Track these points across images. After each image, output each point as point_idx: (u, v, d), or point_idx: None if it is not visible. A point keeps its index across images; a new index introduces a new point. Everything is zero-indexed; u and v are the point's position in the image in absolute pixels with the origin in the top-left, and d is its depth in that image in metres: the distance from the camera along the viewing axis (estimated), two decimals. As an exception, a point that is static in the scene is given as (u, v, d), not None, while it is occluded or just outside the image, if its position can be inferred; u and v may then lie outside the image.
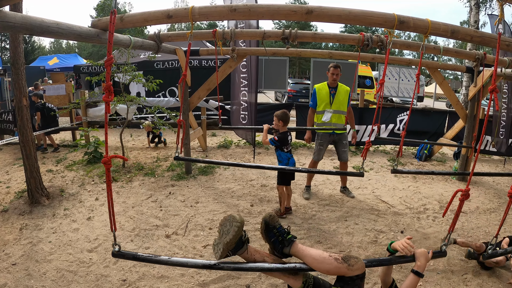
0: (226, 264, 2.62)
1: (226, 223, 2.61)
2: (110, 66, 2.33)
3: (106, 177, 2.50)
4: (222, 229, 2.62)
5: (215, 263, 2.63)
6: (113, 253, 2.72)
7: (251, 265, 2.65)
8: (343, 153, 6.86)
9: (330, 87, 6.70)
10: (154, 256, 2.84)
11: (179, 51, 7.04)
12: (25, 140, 6.22)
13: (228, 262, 2.64)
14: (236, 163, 5.30)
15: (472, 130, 7.95)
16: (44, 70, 22.07)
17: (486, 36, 4.20)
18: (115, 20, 2.34)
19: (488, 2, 23.90)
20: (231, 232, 2.53)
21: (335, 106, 6.62)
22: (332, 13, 3.70)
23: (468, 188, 2.60)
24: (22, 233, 5.31)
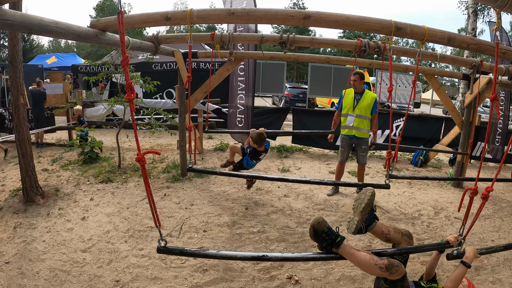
0: (273, 255, 2.80)
1: (360, 195, 3.00)
2: (127, 65, 2.39)
3: (142, 174, 2.53)
4: (357, 202, 2.98)
5: (263, 254, 2.77)
6: (158, 248, 2.79)
7: (297, 255, 2.88)
8: (361, 156, 7.06)
9: (356, 93, 6.95)
10: (202, 250, 2.93)
11: (177, 53, 7.05)
12: (21, 138, 6.21)
13: (275, 253, 2.84)
14: (255, 175, 5.35)
15: (468, 136, 7.98)
16: (42, 68, 22.01)
17: (483, 44, 4.22)
18: (123, 19, 2.35)
19: (486, 10, 24.00)
20: (366, 199, 2.94)
21: (358, 111, 6.82)
22: (330, 19, 3.71)
23: (476, 187, 2.68)
24: (16, 231, 5.31)
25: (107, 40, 4.29)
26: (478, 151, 10.36)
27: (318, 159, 10.18)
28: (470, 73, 7.32)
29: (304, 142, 11.07)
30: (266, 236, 5.34)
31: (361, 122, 6.80)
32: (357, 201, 2.99)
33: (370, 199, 2.96)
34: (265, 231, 5.52)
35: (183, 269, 4.44)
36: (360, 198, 2.99)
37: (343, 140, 7.16)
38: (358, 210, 2.92)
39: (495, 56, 2.86)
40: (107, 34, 4.27)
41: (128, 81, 2.31)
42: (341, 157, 7.23)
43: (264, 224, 5.76)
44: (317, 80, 16.52)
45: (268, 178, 5.45)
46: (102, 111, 11.07)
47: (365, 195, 2.97)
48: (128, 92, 2.30)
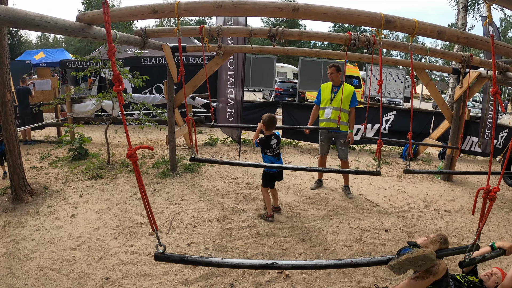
0: (283, 263, 2.69)
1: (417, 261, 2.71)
2: (113, 56, 2.31)
3: (135, 172, 2.38)
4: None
5: (272, 262, 2.66)
6: (155, 255, 2.62)
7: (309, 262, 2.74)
8: (341, 151, 7.01)
9: (333, 86, 6.90)
10: (205, 258, 2.73)
11: (166, 47, 6.98)
12: (8, 135, 6.13)
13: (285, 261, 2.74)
14: (253, 163, 5.26)
15: (457, 130, 8.02)
16: (30, 64, 21.81)
17: (473, 38, 4.22)
18: (108, 10, 2.31)
19: (476, 6, 24.12)
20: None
21: (335, 103, 6.75)
22: (319, 11, 3.69)
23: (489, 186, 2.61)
24: (5, 230, 5.24)
25: (94, 34, 4.23)
26: (467, 145, 10.43)
27: (308, 152, 10.18)
28: (460, 68, 7.35)
29: (294, 136, 11.07)
30: (257, 231, 5.32)
31: (337, 115, 6.75)
32: (412, 263, 2.71)
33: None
34: (255, 225, 5.50)
35: (173, 265, 4.41)
36: (417, 263, 2.71)
37: (321, 133, 7.15)
38: (410, 267, 2.75)
39: (491, 50, 2.85)
40: (94, 28, 4.21)
41: (116, 71, 2.23)
42: (321, 151, 7.24)
43: (254, 218, 5.74)
44: (307, 74, 16.51)
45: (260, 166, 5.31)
46: (91, 107, 10.97)
47: (423, 263, 2.72)
48: (116, 83, 2.23)
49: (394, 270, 2.73)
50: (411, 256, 2.67)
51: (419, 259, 2.66)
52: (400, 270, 2.71)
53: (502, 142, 10.50)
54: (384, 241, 5.21)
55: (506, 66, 6.51)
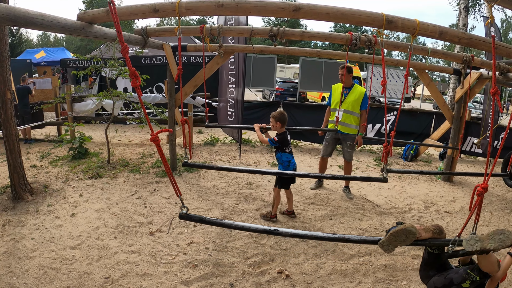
0: (284, 230, 3.11)
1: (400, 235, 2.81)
2: (127, 54, 2.51)
3: (159, 153, 2.80)
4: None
5: (274, 228, 3.09)
6: (180, 215, 3.14)
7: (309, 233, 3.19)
8: (346, 152, 6.97)
9: (344, 87, 6.74)
10: (219, 220, 3.42)
11: (166, 46, 6.98)
12: (8, 134, 6.12)
13: (285, 229, 3.13)
14: (251, 169, 5.27)
15: (458, 131, 8.01)
16: (31, 63, 21.78)
17: (474, 38, 4.21)
18: (116, 9, 2.31)
19: (477, 6, 24.10)
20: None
21: (345, 105, 6.68)
22: (320, 11, 3.67)
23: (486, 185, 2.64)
24: (5, 229, 5.23)
25: (94, 33, 4.22)
26: (468, 145, 10.42)
27: (309, 153, 10.18)
28: (461, 68, 7.34)
29: (295, 136, 11.05)
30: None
31: (347, 117, 6.67)
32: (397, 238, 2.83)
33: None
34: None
35: (173, 265, 4.41)
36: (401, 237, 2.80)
37: (328, 134, 7.09)
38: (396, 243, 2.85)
39: (492, 50, 2.83)
40: (95, 27, 4.20)
41: (131, 68, 2.35)
42: (323, 152, 7.16)
43: (254, 218, 5.73)
44: (307, 74, 16.50)
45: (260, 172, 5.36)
46: (91, 106, 10.96)
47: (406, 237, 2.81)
48: (133, 79, 2.34)
49: (384, 247, 2.84)
50: (395, 231, 2.79)
51: (401, 233, 2.77)
52: (389, 247, 2.82)
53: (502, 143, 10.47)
54: (384, 241, 5.20)
55: (507, 67, 6.50)
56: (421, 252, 4.84)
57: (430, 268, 2.97)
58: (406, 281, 4.26)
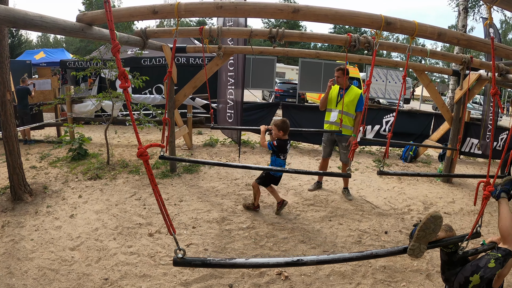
0: (309, 258, 2.72)
1: (429, 225, 2.80)
2: (118, 53, 2.26)
3: (147, 171, 2.21)
4: (424, 232, 2.81)
5: (298, 259, 2.63)
6: (175, 261, 2.44)
7: (336, 257, 2.80)
8: (342, 154, 7.02)
9: (340, 89, 6.77)
10: (228, 260, 2.63)
11: (166, 47, 6.99)
12: (8, 135, 6.12)
13: (310, 257, 2.79)
14: (220, 162, 5.28)
15: (457, 132, 8.02)
16: (30, 64, 21.79)
17: (473, 40, 4.23)
18: (111, 8, 2.31)
19: (476, 7, 24.13)
20: (437, 229, 2.82)
21: (340, 106, 6.65)
22: (319, 13, 3.69)
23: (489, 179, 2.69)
24: (4, 230, 5.23)
25: (94, 34, 4.23)
26: (467, 146, 10.43)
27: (308, 154, 10.18)
28: (460, 69, 7.35)
29: (294, 137, 11.06)
30: (256, 232, 5.32)
31: (343, 118, 6.66)
32: (426, 230, 2.84)
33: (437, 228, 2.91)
34: (254, 227, 5.50)
35: (172, 266, 4.41)
36: (430, 228, 2.82)
37: (324, 135, 7.13)
38: (427, 239, 2.86)
39: (491, 51, 2.84)
40: (94, 28, 4.21)
41: (121, 68, 2.20)
42: (323, 153, 7.21)
43: (253, 220, 5.73)
44: (307, 75, 16.51)
45: (228, 165, 5.30)
46: (91, 107, 10.97)
47: (435, 225, 2.83)
48: (122, 81, 2.19)
49: (415, 252, 2.83)
50: (422, 224, 2.78)
51: (429, 222, 2.77)
52: (420, 247, 2.82)
53: (502, 144, 10.49)
54: (383, 242, 5.21)
55: (506, 68, 6.52)
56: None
57: (454, 266, 2.98)
58: (405, 282, 4.26)
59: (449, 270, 2.99)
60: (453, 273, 2.94)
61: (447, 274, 3.02)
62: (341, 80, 6.62)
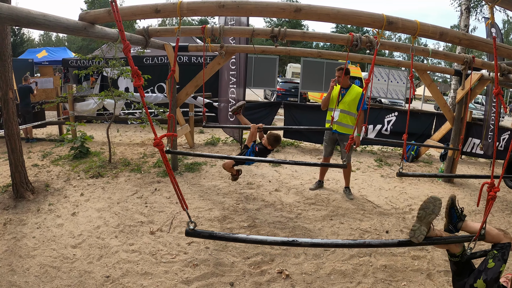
0: (303, 240, 2.90)
1: (428, 205, 2.97)
2: (129, 52, 2.38)
3: (163, 158, 2.60)
4: (424, 212, 2.97)
5: (293, 239, 2.90)
6: (187, 231, 2.85)
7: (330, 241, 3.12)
8: (344, 153, 6.89)
9: (342, 88, 6.77)
10: (232, 234, 3.00)
11: (168, 46, 7.00)
12: (10, 133, 6.14)
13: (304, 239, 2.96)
14: (223, 155, 5.28)
15: (459, 132, 8.01)
16: (33, 63, 21.82)
17: (475, 39, 4.22)
18: (118, 8, 2.34)
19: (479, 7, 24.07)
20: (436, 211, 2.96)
21: (341, 105, 6.69)
22: (321, 12, 3.69)
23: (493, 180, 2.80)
24: (6, 228, 5.24)
25: (96, 33, 4.24)
26: (469, 147, 10.42)
27: (310, 153, 10.19)
28: (462, 69, 7.35)
29: (296, 136, 11.07)
30: (257, 231, 5.33)
31: (344, 117, 6.67)
32: (426, 210, 2.96)
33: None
34: (255, 225, 5.51)
35: (174, 264, 4.42)
36: (429, 207, 2.95)
37: (326, 134, 7.11)
38: (427, 220, 2.95)
39: (494, 51, 2.85)
40: (96, 27, 4.22)
41: (134, 67, 2.33)
42: (324, 152, 7.20)
43: (255, 218, 5.74)
44: (309, 74, 16.50)
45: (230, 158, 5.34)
46: (93, 106, 10.99)
47: (434, 206, 2.96)
48: (136, 78, 2.32)
49: (416, 233, 2.95)
50: (422, 203, 2.96)
51: (428, 202, 2.94)
52: (420, 229, 2.93)
53: (504, 144, 10.48)
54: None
55: (508, 68, 6.51)
56: (421, 253, 4.87)
57: (462, 276, 3.04)
58: (406, 282, 4.26)
59: (458, 281, 3.06)
60: (461, 284, 3.01)
61: (456, 286, 3.10)
62: (342, 80, 6.62)
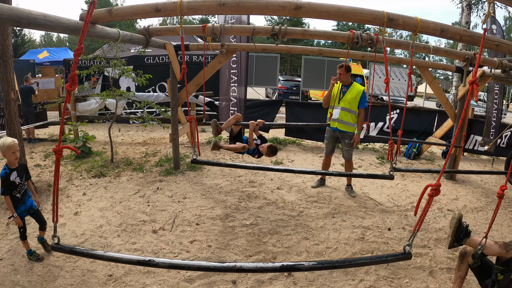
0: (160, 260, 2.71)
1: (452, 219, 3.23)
2: (78, 56, 2.41)
3: (55, 166, 2.55)
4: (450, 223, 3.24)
5: (150, 259, 2.70)
6: (52, 246, 2.72)
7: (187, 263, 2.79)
8: (345, 151, 6.95)
9: (343, 85, 6.77)
10: (90, 250, 2.92)
11: (169, 45, 7.00)
12: (12, 134, 6.14)
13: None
14: (260, 166, 5.29)
15: (461, 129, 8.00)
16: (34, 63, 21.86)
17: (476, 36, 4.22)
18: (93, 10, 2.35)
19: (480, 4, 24.02)
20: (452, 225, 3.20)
21: (342, 103, 6.69)
22: (321, 9, 3.69)
23: (439, 183, 2.73)
24: (9, 227, 5.26)
25: (97, 33, 4.25)
26: (470, 144, 10.41)
27: (311, 151, 10.19)
28: (464, 66, 7.34)
29: (297, 134, 11.07)
30: (259, 229, 5.33)
31: (345, 115, 6.66)
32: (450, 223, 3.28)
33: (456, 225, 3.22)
34: (258, 223, 5.52)
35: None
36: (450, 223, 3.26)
37: (327, 132, 7.10)
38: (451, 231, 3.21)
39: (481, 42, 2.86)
40: (97, 27, 4.23)
41: (73, 72, 2.35)
42: (326, 150, 7.21)
43: (257, 216, 5.75)
44: (310, 72, 16.46)
45: (266, 169, 5.37)
46: (94, 105, 10.99)
47: (450, 222, 3.25)
48: (70, 82, 2.30)
49: (449, 244, 3.24)
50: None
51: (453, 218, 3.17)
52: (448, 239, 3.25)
53: (506, 141, 10.47)
54: (386, 239, 5.21)
55: (510, 65, 6.50)
56: (423, 250, 4.88)
57: (483, 278, 3.23)
58: (408, 279, 4.26)
59: (481, 284, 3.29)
60: (485, 285, 3.22)
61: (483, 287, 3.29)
62: (344, 77, 6.61)
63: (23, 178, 4.47)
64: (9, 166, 4.34)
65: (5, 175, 4.26)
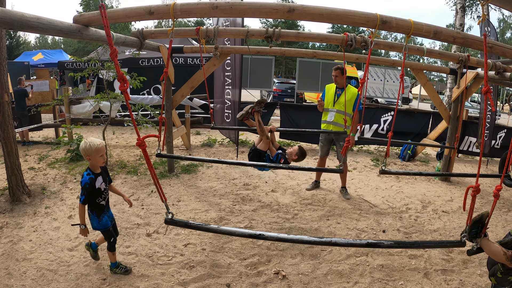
0: (269, 234, 3.00)
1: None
2: (116, 58, 2.42)
3: (145, 158, 2.76)
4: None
5: (260, 233, 3.03)
6: (165, 220, 3.03)
7: (292, 237, 3.01)
8: (339, 153, 6.99)
9: (337, 88, 6.81)
10: (205, 225, 3.26)
11: (163, 48, 6.99)
12: (6, 137, 6.12)
13: (270, 233, 3.02)
14: (218, 159, 5.27)
15: (455, 131, 8.02)
16: (29, 65, 21.79)
17: (469, 38, 4.22)
18: (106, 13, 2.34)
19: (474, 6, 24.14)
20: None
21: (337, 106, 6.71)
22: (314, 12, 3.69)
23: (478, 185, 2.77)
24: (3, 231, 5.23)
25: (91, 35, 4.23)
26: (465, 145, 10.44)
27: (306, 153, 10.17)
28: (458, 68, 7.34)
29: (292, 137, 11.08)
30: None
31: (340, 118, 6.67)
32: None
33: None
34: (252, 226, 5.51)
35: (170, 266, 4.42)
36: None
37: (321, 134, 7.13)
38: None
39: (484, 49, 2.85)
40: (91, 29, 4.21)
41: (120, 72, 2.32)
42: (320, 152, 7.23)
43: (251, 219, 5.74)
44: (305, 75, 16.52)
45: (225, 162, 5.36)
46: (89, 108, 10.95)
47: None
48: (121, 82, 2.31)
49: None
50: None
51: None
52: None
53: (500, 142, 10.51)
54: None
55: (503, 66, 6.51)
56: (418, 252, 4.88)
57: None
58: (403, 281, 4.27)
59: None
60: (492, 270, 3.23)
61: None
62: (339, 80, 6.63)
63: (107, 183, 4.21)
64: (93, 170, 4.00)
65: (90, 181, 3.89)
